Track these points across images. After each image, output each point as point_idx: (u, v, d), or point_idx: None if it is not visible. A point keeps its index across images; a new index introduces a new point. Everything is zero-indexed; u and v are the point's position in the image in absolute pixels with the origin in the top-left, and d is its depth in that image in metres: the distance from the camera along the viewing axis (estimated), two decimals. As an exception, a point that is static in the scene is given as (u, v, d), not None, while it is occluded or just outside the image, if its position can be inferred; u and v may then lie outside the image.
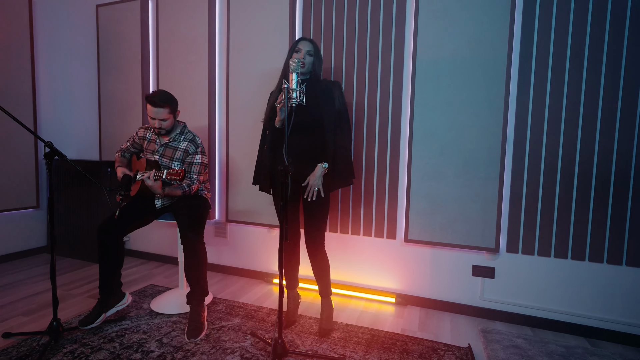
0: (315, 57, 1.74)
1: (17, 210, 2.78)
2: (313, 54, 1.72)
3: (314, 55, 1.73)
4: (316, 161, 1.72)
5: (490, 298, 2.01)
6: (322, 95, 1.72)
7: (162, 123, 1.79)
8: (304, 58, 1.70)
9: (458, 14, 1.94)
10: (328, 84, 1.77)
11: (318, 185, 1.67)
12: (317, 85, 1.74)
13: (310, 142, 1.72)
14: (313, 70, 1.74)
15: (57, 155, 1.51)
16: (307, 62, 1.71)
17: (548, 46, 1.82)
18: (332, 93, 1.74)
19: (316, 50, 1.74)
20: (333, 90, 1.74)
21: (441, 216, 2.03)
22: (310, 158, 1.72)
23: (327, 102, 1.72)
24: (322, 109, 1.70)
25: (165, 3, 2.64)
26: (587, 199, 1.80)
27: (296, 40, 1.79)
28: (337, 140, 1.72)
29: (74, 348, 1.55)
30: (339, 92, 1.77)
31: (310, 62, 1.72)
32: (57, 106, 3.05)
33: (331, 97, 1.73)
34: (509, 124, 1.91)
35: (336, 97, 1.74)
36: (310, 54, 1.72)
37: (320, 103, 1.70)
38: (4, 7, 2.60)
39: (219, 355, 1.54)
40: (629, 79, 1.71)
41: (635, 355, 1.66)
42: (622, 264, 1.76)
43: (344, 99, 1.79)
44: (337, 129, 1.73)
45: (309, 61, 1.72)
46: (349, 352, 1.59)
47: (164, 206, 1.90)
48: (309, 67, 1.72)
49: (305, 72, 1.73)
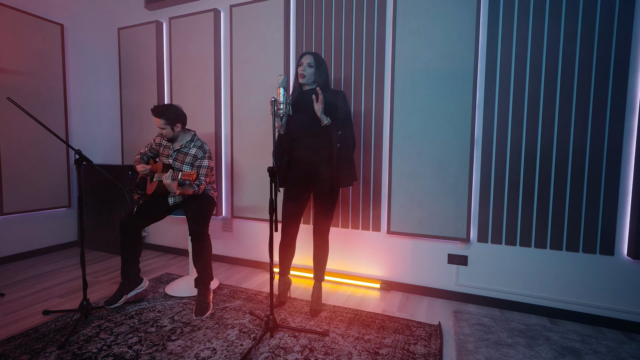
0: (316, 69, 1.86)
1: (51, 210, 3.05)
2: (313, 66, 1.86)
3: (314, 67, 1.86)
4: (323, 162, 1.86)
5: (464, 283, 2.15)
6: (327, 104, 1.83)
7: (161, 131, 2.03)
8: (304, 70, 1.85)
9: (430, 30, 2.09)
10: (333, 93, 1.88)
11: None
12: (323, 95, 1.83)
13: (317, 144, 1.87)
14: (315, 80, 1.88)
15: (85, 160, 1.73)
16: (307, 73, 1.86)
17: (510, 57, 1.96)
18: (336, 102, 1.85)
19: (317, 62, 1.86)
20: (337, 100, 1.86)
21: (419, 210, 2.18)
22: (318, 159, 1.87)
23: (331, 109, 1.83)
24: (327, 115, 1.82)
25: (177, 25, 2.87)
26: (547, 193, 1.92)
27: (300, 55, 1.95)
28: (341, 144, 1.84)
29: (101, 323, 1.77)
30: (343, 102, 1.88)
31: (311, 73, 1.86)
32: (85, 118, 3.31)
33: (334, 105, 1.85)
34: (477, 127, 2.05)
35: (339, 106, 1.86)
36: (311, 65, 1.86)
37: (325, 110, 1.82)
38: (40, 34, 2.88)
39: (221, 329, 1.73)
40: (581, 83, 1.83)
41: (589, 331, 1.77)
42: (579, 251, 1.88)
43: (347, 108, 1.91)
44: (342, 135, 1.84)
45: (309, 72, 1.86)
46: (332, 328, 1.76)
47: (175, 203, 2.11)
48: (311, 77, 1.87)
49: (309, 83, 1.88)
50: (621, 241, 1.81)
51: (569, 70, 1.85)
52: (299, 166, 1.91)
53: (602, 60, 1.79)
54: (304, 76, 1.86)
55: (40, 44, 2.89)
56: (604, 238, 1.83)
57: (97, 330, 1.70)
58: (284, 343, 1.61)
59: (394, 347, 1.60)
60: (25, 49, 2.80)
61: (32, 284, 2.31)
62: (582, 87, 1.83)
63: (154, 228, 3.18)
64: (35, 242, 2.96)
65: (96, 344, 1.58)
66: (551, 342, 1.64)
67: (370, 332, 1.73)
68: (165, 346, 1.57)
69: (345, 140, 1.87)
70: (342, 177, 1.86)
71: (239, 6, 2.62)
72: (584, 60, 1.82)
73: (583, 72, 1.82)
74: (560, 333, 1.73)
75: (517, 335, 1.71)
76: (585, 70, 1.82)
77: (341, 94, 1.90)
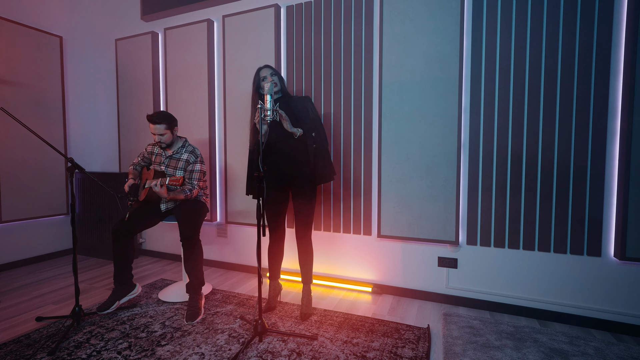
0: (278, 76, 1.98)
1: (50, 217, 3.05)
2: (276, 74, 1.97)
3: (277, 75, 1.97)
4: (301, 164, 1.90)
5: (455, 286, 2.13)
6: (298, 108, 1.94)
7: (161, 137, 2.02)
8: (272, 80, 1.94)
9: (416, 37, 2.11)
10: (300, 99, 1.99)
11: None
12: (291, 101, 1.97)
13: (294, 147, 1.90)
14: (281, 88, 1.98)
15: (77, 168, 1.74)
16: (276, 81, 1.96)
17: (494, 62, 1.96)
18: (306, 106, 1.96)
19: (276, 71, 1.99)
20: (306, 104, 1.97)
21: (408, 214, 2.17)
22: (295, 161, 1.91)
23: (302, 114, 1.93)
24: (300, 120, 1.91)
25: (172, 36, 2.90)
26: (534, 196, 1.91)
27: (257, 70, 1.97)
28: (317, 144, 1.92)
29: (92, 329, 1.76)
30: (311, 105, 2.00)
31: (277, 80, 1.96)
32: (83, 127, 3.34)
33: (305, 108, 1.95)
34: (463, 132, 2.05)
35: (309, 108, 1.97)
36: (273, 74, 1.96)
37: (298, 115, 1.92)
38: (40, 46, 2.91)
39: (211, 334, 1.72)
40: (563, 86, 1.83)
41: (578, 332, 1.75)
42: (567, 252, 1.86)
43: (315, 110, 2.02)
44: (316, 135, 1.93)
45: (276, 80, 1.96)
46: (321, 332, 1.75)
47: (167, 210, 2.11)
48: (279, 85, 1.97)
49: (277, 91, 1.97)
50: (608, 242, 1.79)
51: (552, 73, 1.85)
52: (276, 171, 1.93)
53: (583, 64, 1.79)
54: (277, 85, 1.96)
55: (40, 55, 2.93)
56: (590, 239, 1.82)
57: (88, 336, 1.69)
58: (272, 347, 1.59)
59: (381, 350, 1.58)
60: (25, 61, 2.83)
61: (28, 291, 2.31)
62: (565, 90, 1.83)
63: (151, 234, 3.18)
64: (34, 249, 2.97)
65: (86, 350, 1.57)
66: (539, 344, 1.62)
67: (359, 336, 1.71)
68: (154, 351, 1.56)
69: (320, 140, 1.94)
70: (321, 174, 1.91)
71: (231, 16, 2.65)
72: (566, 64, 1.82)
73: (565, 76, 1.83)
74: (549, 335, 1.71)
75: (505, 337, 1.69)
76: (568, 74, 1.82)
77: (308, 99, 2.02)
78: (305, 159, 1.90)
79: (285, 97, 1.99)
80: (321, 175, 1.92)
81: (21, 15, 2.84)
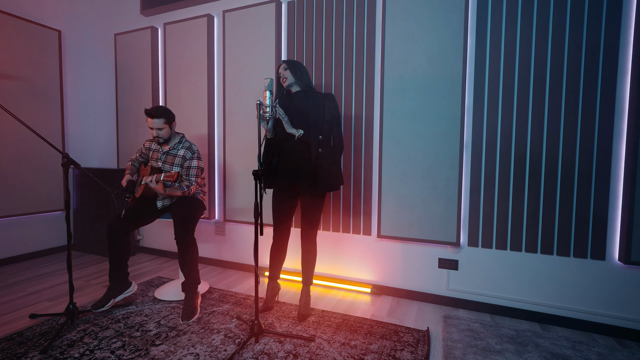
0: (291, 69, 1.85)
1: (48, 213, 3.02)
2: (288, 68, 1.86)
3: (289, 69, 1.86)
4: (304, 166, 1.81)
5: (455, 288, 2.09)
6: (312, 107, 1.80)
7: (159, 132, 1.98)
8: (282, 74, 1.86)
9: (419, 35, 2.06)
10: (320, 96, 1.85)
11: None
12: (308, 98, 1.83)
13: (298, 148, 1.83)
14: (296, 82, 1.86)
15: (72, 164, 1.70)
16: (286, 75, 1.85)
17: (498, 61, 1.92)
18: (322, 103, 1.82)
19: (291, 64, 1.86)
20: (324, 101, 1.83)
21: (409, 214, 2.13)
22: (298, 163, 1.83)
23: (316, 113, 1.80)
24: (312, 120, 1.79)
25: (172, 31, 2.85)
26: (537, 198, 1.87)
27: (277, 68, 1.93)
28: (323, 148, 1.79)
29: (86, 327, 1.73)
30: (330, 104, 1.84)
31: (289, 75, 1.85)
32: (82, 122, 3.30)
33: (321, 107, 1.82)
34: (466, 131, 2.01)
35: (326, 107, 1.83)
36: (285, 68, 1.86)
37: (309, 114, 1.80)
38: (38, 40, 2.87)
39: (206, 334, 1.68)
40: (569, 85, 1.78)
41: (580, 337, 1.71)
42: (570, 255, 1.82)
43: (336, 111, 1.88)
44: (324, 139, 1.80)
45: (287, 74, 1.85)
46: (319, 333, 1.71)
47: (164, 207, 2.07)
48: (291, 79, 1.86)
49: (291, 85, 1.87)
50: (612, 246, 1.75)
51: (558, 72, 1.80)
52: (286, 170, 1.87)
53: (590, 63, 1.75)
54: (286, 78, 1.86)
55: (38, 49, 2.89)
56: (594, 242, 1.77)
57: (81, 335, 1.65)
58: (268, 349, 1.56)
59: (379, 353, 1.54)
60: (23, 55, 2.79)
61: (23, 287, 2.27)
62: (571, 90, 1.78)
63: (148, 231, 3.14)
64: (31, 245, 2.93)
65: (79, 349, 1.53)
66: (541, 349, 1.58)
67: (357, 338, 1.67)
68: (149, 351, 1.52)
69: (329, 144, 1.84)
70: (325, 182, 1.80)
71: (231, 11, 2.60)
72: (572, 63, 1.78)
73: (571, 75, 1.78)
74: (551, 339, 1.67)
75: (506, 341, 1.65)
76: (574, 73, 1.77)
77: (329, 96, 1.87)
78: (307, 163, 1.82)
79: (301, 93, 1.85)
80: (322, 183, 1.78)
81: (19, 8, 2.79)
